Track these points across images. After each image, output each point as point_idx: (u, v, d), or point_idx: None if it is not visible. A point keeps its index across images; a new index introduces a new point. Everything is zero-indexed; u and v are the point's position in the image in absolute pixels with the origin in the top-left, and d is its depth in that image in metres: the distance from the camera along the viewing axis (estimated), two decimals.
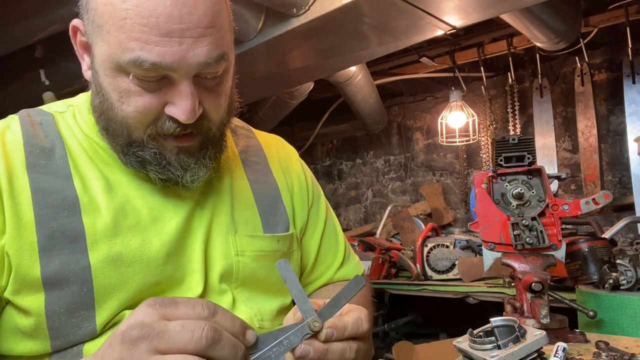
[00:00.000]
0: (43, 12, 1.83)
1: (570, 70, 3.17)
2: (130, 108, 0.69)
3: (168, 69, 0.66)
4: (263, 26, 2.01)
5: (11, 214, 0.70)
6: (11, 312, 0.72)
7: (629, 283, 1.04)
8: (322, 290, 0.99)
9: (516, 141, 0.97)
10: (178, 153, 0.74)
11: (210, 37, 0.67)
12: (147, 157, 0.73)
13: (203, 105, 0.71)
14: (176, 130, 0.71)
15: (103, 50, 0.68)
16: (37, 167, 0.73)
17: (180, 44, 0.65)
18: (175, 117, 0.70)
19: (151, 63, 0.65)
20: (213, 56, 0.68)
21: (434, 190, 3.77)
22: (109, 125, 0.73)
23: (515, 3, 1.93)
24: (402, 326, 3.25)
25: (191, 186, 0.76)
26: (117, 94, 0.69)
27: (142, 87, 0.68)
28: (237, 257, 0.82)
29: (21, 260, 0.69)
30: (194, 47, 0.66)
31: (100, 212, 0.74)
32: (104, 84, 0.71)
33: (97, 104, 0.74)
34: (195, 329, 0.48)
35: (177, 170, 0.74)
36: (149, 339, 0.48)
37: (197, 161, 0.75)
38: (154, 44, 0.64)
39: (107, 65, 0.68)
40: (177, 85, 0.68)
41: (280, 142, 1.03)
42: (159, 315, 0.50)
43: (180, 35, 0.65)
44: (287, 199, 0.93)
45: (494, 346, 0.65)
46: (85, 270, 0.70)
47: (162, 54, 0.65)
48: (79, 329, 0.71)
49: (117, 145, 0.74)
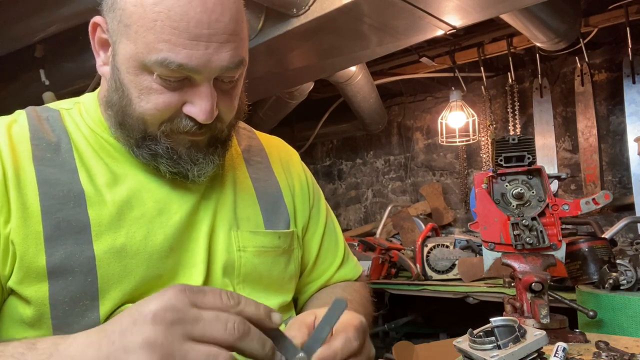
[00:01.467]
0: (43, 12, 1.82)
1: (570, 70, 3.17)
2: (150, 105, 0.73)
3: (193, 71, 0.70)
4: (263, 26, 2.01)
5: (17, 203, 0.71)
6: (14, 301, 0.73)
7: (629, 283, 1.04)
8: (322, 292, 1.00)
9: (516, 141, 0.97)
10: (190, 147, 0.77)
11: (233, 44, 0.71)
12: (160, 151, 0.76)
13: (218, 107, 0.75)
14: (192, 129, 0.74)
15: (128, 49, 0.71)
16: (44, 160, 0.76)
17: (206, 47, 0.69)
18: (193, 117, 0.73)
19: (178, 64, 0.68)
20: (234, 61, 0.72)
21: (434, 190, 3.77)
22: (126, 120, 0.76)
23: (515, 3, 1.93)
24: (402, 326, 3.25)
25: (198, 180, 0.79)
26: (137, 90, 0.73)
27: (163, 85, 0.71)
28: (238, 253, 0.83)
29: (26, 249, 0.70)
30: (219, 52, 0.70)
31: (105, 204, 0.76)
32: (125, 80, 0.74)
33: (116, 100, 0.77)
34: (229, 321, 0.50)
35: (187, 164, 0.77)
36: (184, 324, 0.48)
37: (206, 157, 0.79)
38: (182, 47, 0.68)
39: (131, 63, 0.71)
40: (198, 87, 0.72)
41: (282, 143, 1.05)
42: (189, 301, 0.50)
43: (207, 39, 0.69)
44: (289, 198, 0.95)
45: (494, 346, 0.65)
46: (89, 260, 0.72)
47: (190, 56, 0.68)
48: (83, 319, 0.72)
49: (131, 139, 0.77)
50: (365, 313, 0.94)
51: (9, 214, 0.71)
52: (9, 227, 0.70)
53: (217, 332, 0.49)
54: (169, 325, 0.48)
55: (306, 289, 1.00)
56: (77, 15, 1.78)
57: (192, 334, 0.48)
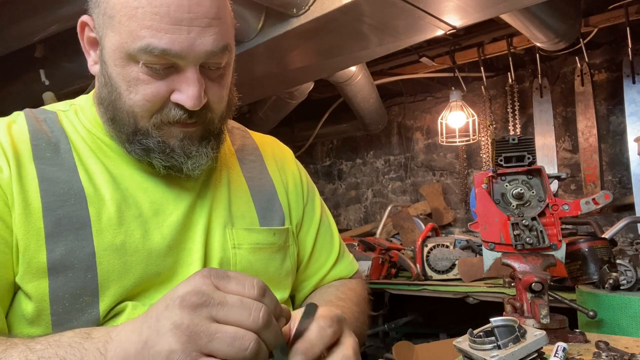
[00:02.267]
0: (43, 12, 1.83)
1: (570, 70, 3.17)
2: (139, 96, 0.73)
3: (177, 56, 0.70)
4: (263, 26, 2.01)
5: (19, 199, 0.72)
6: (19, 297, 0.73)
7: (629, 283, 1.04)
8: (316, 292, 1.00)
9: (516, 141, 0.97)
10: (182, 139, 0.77)
11: (216, 28, 0.72)
12: (152, 145, 0.76)
13: (207, 95, 0.75)
14: (182, 118, 0.74)
15: (114, 41, 0.72)
16: (44, 159, 0.76)
17: (189, 32, 0.69)
18: (181, 104, 0.73)
19: (161, 50, 0.69)
20: (219, 46, 0.72)
21: (434, 190, 3.77)
22: (116, 114, 0.76)
23: (515, 3, 1.93)
24: (402, 326, 3.25)
25: (193, 174, 0.79)
26: (125, 83, 0.73)
27: (150, 75, 0.72)
28: (234, 250, 0.84)
29: (28, 245, 0.71)
30: (202, 36, 0.70)
31: (105, 202, 0.76)
32: (112, 74, 0.74)
33: (105, 95, 0.77)
34: (254, 309, 0.50)
35: (180, 157, 0.77)
36: (209, 307, 0.50)
37: (199, 149, 0.79)
38: (165, 32, 0.69)
39: (118, 54, 0.72)
40: (184, 73, 0.72)
41: (275, 142, 1.06)
42: (213, 287, 0.51)
43: (189, 23, 0.69)
44: (283, 196, 0.95)
45: (494, 346, 0.65)
46: (90, 257, 0.73)
47: (172, 41, 0.69)
48: (83, 315, 0.72)
49: (122, 134, 0.77)
50: (359, 311, 0.94)
51: (11, 208, 0.72)
52: (12, 222, 0.71)
53: (241, 316, 0.50)
54: (194, 308, 0.49)
55: (302, 286, 1.00)
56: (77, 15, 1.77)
57: (217, 316, 0.50)
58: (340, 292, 0.97)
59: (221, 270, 0.53)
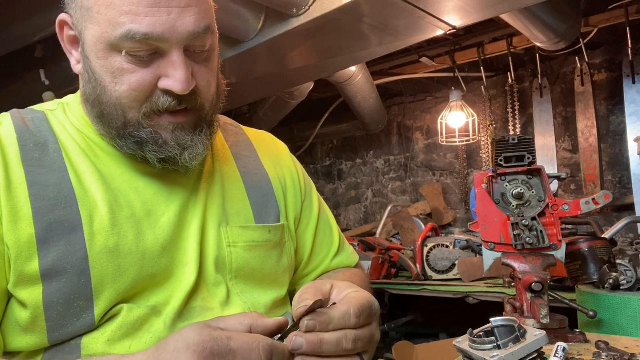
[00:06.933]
0: (43, 12, 1.82)
1: (570, 70, 3.17)
2: (125, 87, 0.71)
3: (160, 40, 0.69)
4: (263, 26, 2.01)
5: (8, 207, 0.70)
6: (12, 305, 0.72)
7: (629, 283, 1.04)
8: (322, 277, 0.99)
9: (516, 141, 0.97)
10: (174, 131, 0.75)
11: (196, 8, 0.71)
12: (144, 136, 0.74)
13: (195, 79, 0.73)
14: (171, 105, 0.73)
15: (94, 33, 0.70)
16: (32, 160, 0.74)
17: (168, 13, 0.68)
18: (170, 89, 0.71)
19: (143, 34, 0.68)
20: (201, 26, 0.71)
21: (434, 190, 3.77)
22: (104, 110, 0.74)
23: (515, 3, 1.93)
24: (402, 326, 3.25)
25: (191, 165, 0.77)
26: (110, 75, 0.71)
27: (134, 64, 0.70)
28: (229, 249, 0.83)
29: (19, 253, 0.69)
30: (182, 17, 0.69)
31: (96, 204, 0.75)
32: (96, 67, 0.72)
33: (90, 91, 0.75)
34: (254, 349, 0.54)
35: (174, 149, 0.75)
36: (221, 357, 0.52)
37: (194, 139, 0.77)
38: (144, 15, 0.67)
39: (99, 46, 0.70)
40: (169, 57, 0.71)
41: (270, 137, 1.05)
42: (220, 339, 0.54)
43: (167, 5, 0.68)
44: (279, 191, 0.94)
45: (494, 346, 0.65)
46: (82, 261, 0.71)
47: (153, 24, 0.68)
48: (78, 320, 0.71)
49: (112, 130, 0.75)
50: None
51: (1, 217, 0.70)
52: (2, 231, 0.70)
53: None
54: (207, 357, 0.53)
55: (303, 281, 1.00)
56: None
57: None
58: (347, 277, 0.96)
59: (223, 345, 0.54)
